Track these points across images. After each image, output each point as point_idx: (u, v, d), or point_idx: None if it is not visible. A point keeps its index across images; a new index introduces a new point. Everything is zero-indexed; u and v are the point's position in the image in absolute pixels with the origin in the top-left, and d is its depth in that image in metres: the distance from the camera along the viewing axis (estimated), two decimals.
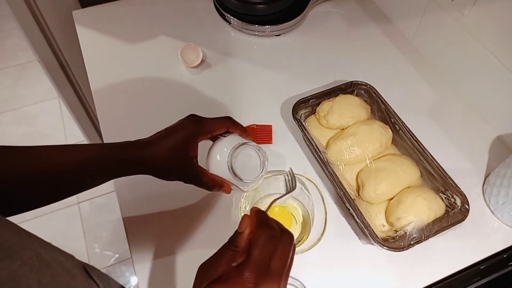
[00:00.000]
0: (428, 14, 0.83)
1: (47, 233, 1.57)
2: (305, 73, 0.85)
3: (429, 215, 0.58)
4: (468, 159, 0.72)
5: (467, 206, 0.59)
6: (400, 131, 0.68)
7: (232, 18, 0.90)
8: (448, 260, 0.62)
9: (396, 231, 0.60)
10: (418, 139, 0.66)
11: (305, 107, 0.73)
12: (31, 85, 2.07)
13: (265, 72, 0.85)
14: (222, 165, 0.52)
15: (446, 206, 0.61)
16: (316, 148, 0.65)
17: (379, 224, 0.61)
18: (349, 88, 0.74)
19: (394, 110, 0.70)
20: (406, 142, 0.68)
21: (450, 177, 0.62)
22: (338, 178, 0.62)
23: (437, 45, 0.84)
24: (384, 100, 0.71)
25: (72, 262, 0.42)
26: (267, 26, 0.89)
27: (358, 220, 0.58)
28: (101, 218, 1.63)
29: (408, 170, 0.63)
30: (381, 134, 0.67)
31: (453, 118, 0.79)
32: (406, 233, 0.57)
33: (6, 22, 2.28)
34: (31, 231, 0.36)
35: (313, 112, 0.74)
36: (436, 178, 0.64)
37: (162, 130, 0.52)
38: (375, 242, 0.56)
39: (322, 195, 0.61)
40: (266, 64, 0.87)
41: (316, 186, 0.62)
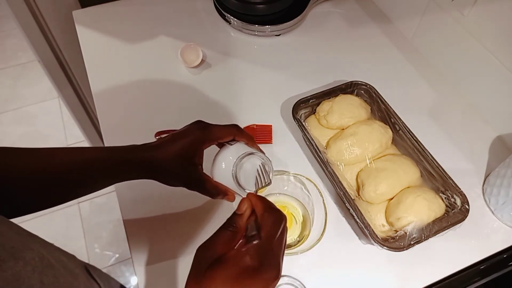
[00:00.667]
0: (428, 14, 0.83)
1: (47, 233, 1.57)
2: (305, 73, 0.85)
3: (429, 215, 0.58)
4: (468, 159, 0.72)
5: (467, 206, 0.59)
6: (400, 131, 0.68)
7: (232, 18, 0.90)
8: (448, 260, 0.62)
9: (396, 231, 0.60)
10: (418, 139, 0.66)
11: (305, 107, 0.73)
12: (31, 85, 2.06)
13: (265, 72, 0.85)
14: (226, 173, 0.51)
15: (446, 206, 0.61)
16: (316, 148, 0.65)
17: (379, 224, 0.61)
18: (349, 88, 0.74)
19: (394, 110, 0.70)
20: (406, 142, 0.68)
21: (450, 177, 0.62)
22: (338, 178, 0.62)
23: (437, 45, 0.84)
24: (384, 100, 0.71)
25: (74, 262, 0.42)
26: (267, 26, 0.89)
27: (358, 220, 0.58)
28: (101, 218, 1.63)
29: (408, 170, 0.63)
30: (381, 134, 0.67)
31: (453, 118, 0.79)
32: (406, 233, 0.57)
33: (6, 22, 2.28)
34: (31, 231, 0.36)
35: (313, 112, 0.74)
36: (436, 178, 0.64)
37: (169, 135, 0.51)
38: (375, 242, 0.56)
39: (322, 195, 0.61)
40: (266, 64, 0.87)
41: (316, 186, 0.62)
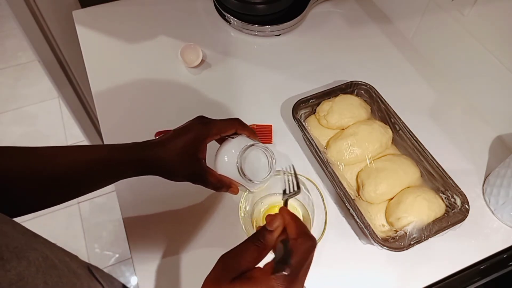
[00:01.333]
0: (428, 14, 0.83)
1: (47, 233, 1.54)
2: (305, 73, 0.84)
3: (429, 215, 0.58)
4: (468, 159, 0.72)
5: (467, 206, 0.59)
6: (400, 131, 0.68)
7: (232, 18, 0.90)
8: (448, 260, 0.62)
9: (396, 231, 0.60)
10: (418, 139, 0.66)
11: (305, 107, 0.73)
12: (31, 85, 2.07)
13: (265, 72, 0.85)
14: (230, 166, 0.52)
15: (446, 206, 0.61)
16: (316, 148, 0.65)
17: (379, 224, 0.61)
18: (349, 88, 0.74)
19: (394, 110, 0.70)
20: (406, 142, 0.68)
21: (450, 177, 0.62)
22: (338, 178, 0.62)
23: (437, 45, 0.84)
24: (384, 100, 0.71)
25: (77, 262, 0.42)
26: (267, 26, 0.89)
27: (358, 220, 0.58)
28: (101, 218, 1.63)
29: (408, 170, 0.63)
30: (381, 134, 0.67)
31: (453, 118, 0.79)
32: (406, 233, 0.57)
33: (6, 22, 2.28)
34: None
35: (313, 112, 0.74)
36: (436, 178, 0.64)
37: (171, 131, 0.52)
38: (375, 242, 0.56)
39: (322, 195, 0.61)
40: (266, 64, 0.87)
41: (316, 186, 0.62)
